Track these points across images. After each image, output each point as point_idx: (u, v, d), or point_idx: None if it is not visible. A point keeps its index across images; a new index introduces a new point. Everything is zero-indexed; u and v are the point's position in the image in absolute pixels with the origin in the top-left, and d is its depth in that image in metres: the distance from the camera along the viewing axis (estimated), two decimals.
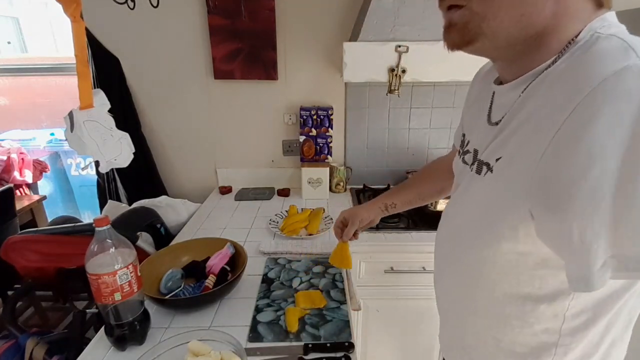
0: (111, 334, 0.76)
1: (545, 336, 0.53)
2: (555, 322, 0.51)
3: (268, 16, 1.50)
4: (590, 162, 0.36)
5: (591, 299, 0.49)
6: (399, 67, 1.25)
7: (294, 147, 1.75)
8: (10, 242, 1.18)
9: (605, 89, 0.35)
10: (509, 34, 0.44)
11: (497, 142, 0.51)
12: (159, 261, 0.99)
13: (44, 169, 2.26)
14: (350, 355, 0.75)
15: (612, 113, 0.35)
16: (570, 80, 0.40)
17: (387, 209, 0.94)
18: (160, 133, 1.72)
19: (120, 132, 1.08)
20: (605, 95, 0.35)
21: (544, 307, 0.51)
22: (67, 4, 0.89)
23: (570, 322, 0.50)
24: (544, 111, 0.42)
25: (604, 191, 0.35)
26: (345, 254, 0.97)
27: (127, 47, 1.57)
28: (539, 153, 0.40)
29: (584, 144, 0.36)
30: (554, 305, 0.50)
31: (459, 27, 0.47)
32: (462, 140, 0.65)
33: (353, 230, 0.94)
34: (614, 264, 0.37)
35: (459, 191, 0.62)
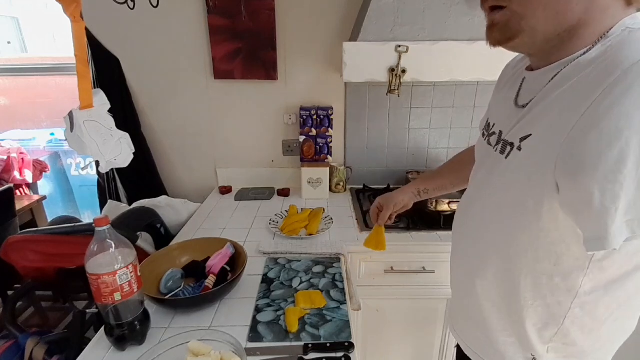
0: (111, 334, 0.76)
1: (557, 308, 0.57)
2: (567, 297, 0.55)
3: (268, 16, 1.50)
4: (617, 134, 0.39)
5: (604, 277, 0.52)
6: (399, 67, 1.25)
7: (294, 147, 1.75)
8: (10, 242, 1.18)
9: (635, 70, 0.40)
10: (546, 30, 0.48)
11: (523, 122, 0.54)
12: (159, 261, 0.99)
13: (44, 169, 2.26)
14: (350, 355, 0.75)
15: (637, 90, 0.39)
16: (601, 65, 0.44)
17: (420, 194, 0.99)
18: (160, 133, 1.72)
19: (120, 132, 1.08)
20: (635, 76, 0.40)
21: (559, 281, 0.55)
22: (67, 4, 0.89)
23: (582, 298, 0.54)
24: (575, 92, 0.46)
25: (628, 160, 0.39)
26: (380, 238, 1.01)
27: (127, 47, 1.57)
28: (569, 127, 0.44)
29: (612, 117, 0.40)
30: (568, 280, 0.54)
31: (500, 26, 0.51)
32: (487, 123, 0.69)
33: (388, 214, 0.98)
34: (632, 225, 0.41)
35: (483, 172, 0.66)
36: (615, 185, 0.40)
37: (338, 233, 1.30)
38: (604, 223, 0.42)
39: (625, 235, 0.42)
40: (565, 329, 0.58)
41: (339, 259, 1.12)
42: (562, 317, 0.57)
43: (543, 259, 0.55)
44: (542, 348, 0.61)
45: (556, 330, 0.59)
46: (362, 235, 1.28)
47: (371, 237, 1.03)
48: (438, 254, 1.25)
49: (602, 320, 0.57)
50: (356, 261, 1.26)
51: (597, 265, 0.52)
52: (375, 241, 1.02)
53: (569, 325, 0.58)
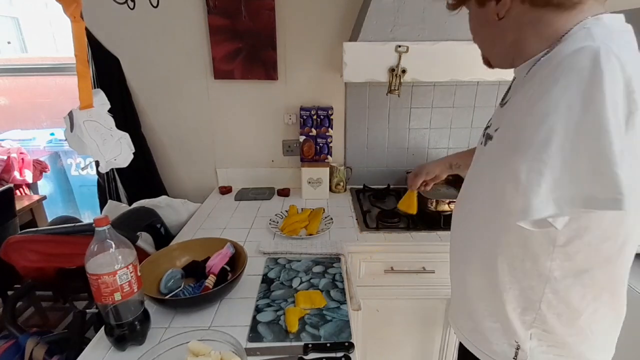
0: (111, 334, 0.76)
1: (530, 293, 0.61)
2: (539, 282, 0.60)
3: (268, 16, 1.50)
4: (544, 118, 0.45)
5: (573, 266, 0.57)
6: (399, 67, 1.25)
7: (294, 147, 1.75)
8: (10, 242, 1.18)
9: (563, 63, 0.46)
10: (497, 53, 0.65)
11: (499, 117, 0.64)
12: (159, 261, 0.99)
13: (44, 169, 2.26)
14: (350, 355, 0.75)
15: (564, 80, 0.45)
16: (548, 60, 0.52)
17: (452, 167, 1.05)
18: (160, 133, 1.72)
19: (120, 132, 1.08)
20: (563, 68, 0.46)
21: (529, 265, 0.60)
22: (67, 4, 0.89)
23: (553, 284, 0.59)
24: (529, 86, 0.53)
25: (552, 141, 0.44)
26: (411, 201, 1.11)
27: (127, 47, 1.57)
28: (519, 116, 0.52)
29: (542, 104, 0.46)
30: (537, 264, 0.59)
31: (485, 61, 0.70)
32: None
33: (419, 180, 1.07)
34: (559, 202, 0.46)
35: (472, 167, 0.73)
36: (540, 164, 0.45)
37: (338, 233, 1.30)
38: (528, 197, 0.46)
39: (550, 211, 0.46)
40: (542, 315, 0.61)
41: (339, 259, 1.12)
42: (538, 302, 0.61)
43: (514, 243, 0.60)
44: (525, 334, 0.64)
45: (534, 315, 0.62)
46: (362, 235, 1.28)
47: (404, 200, 1.13)
48: (438, 254, 1.25)
49: (579, 310, 0.60)
50: (356, 261, 1.26)
51: (562, 251, 0.56)
52: (407, 204, 1.12)
53: (546, 311, 0.61)
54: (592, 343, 0.64)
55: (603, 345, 0.67)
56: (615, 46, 0.44)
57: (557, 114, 0.44)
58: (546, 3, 0.53)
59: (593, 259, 0.56)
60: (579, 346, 0.64)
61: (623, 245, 0.55)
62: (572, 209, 0.46)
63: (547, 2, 0.53)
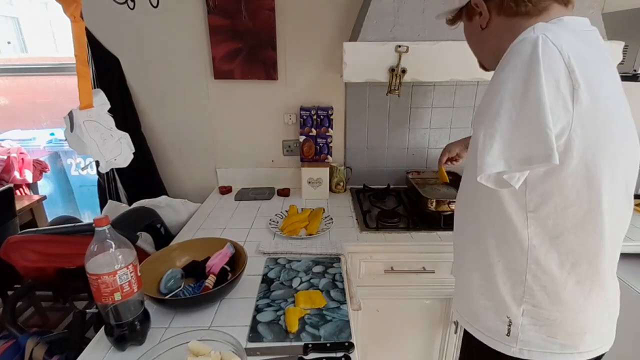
0: (111, 334, 0.76)
1: (516, 264, 0.66)
2: (521, 252, 0.65)
3: (268, 16, 1.50)
4: (495, 94, 0.56)
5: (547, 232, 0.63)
6: (399, 67, 1.25)
7: (294, 147, 1.75)
8: (10, 242, 1.18)
9: (511, 50, 0.57)
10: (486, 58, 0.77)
11: None
12: (159, 261, 0.99)
13: (44, 169, 2.26)
14: (350, 355, 0.75)
15: (511, 63, 0.55)
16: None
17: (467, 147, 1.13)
18: (160, 133, 1.72)
19: (120, 132, 1.08)
20: (510, 54, 0.57)
21: (511, 237, 0.65)
22: (67, 4, 0.89)
23: (534, 252, 0.64)
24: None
25: (501, 112, 0.54)
26: (441, 174, 1.31)
27: (127, 47, 1.57)
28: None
29: (494, 83, 0.57)
30: (517, 234, 0.65)
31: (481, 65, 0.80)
32: None
33: (444, 158, 1.24)
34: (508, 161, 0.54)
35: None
36: (492, 130, 0.54)
37: (338, 233, 1.30)
38: (483, 156, 0.55)
39: (501, 167, 0.54)
40: (529, 288, 0.66)
41: (339, 259, 1.12)
42: (524, 273, 0.66)
43: (497, 217, 0.66)
44: (517, 310, 0.68)
45: (523, 288, 0.67)
46: (362, 235, 1.28)
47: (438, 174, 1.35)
48: (438, 254, 1.25)
49: (560, 280, 0.64)
50: (356, 261, 1.26)
51: (533, 217, 0.63)
52: (439, 176, 1.34)
53: (532, 283, 0.66)
54: (582, 324, 0.67)
55: (596, 330, 0.69)
56: (552, 35, 0.54)
57: (505, 90, 0.54)
58: (516, 13, 0.64)
59: (561, 224, 0.62)
60: (569, 324, 0.66)
61: (589, 212, 0.60)
62: (517, 166, 0.54)
63: (516, 12, 0.64)
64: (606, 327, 0.71)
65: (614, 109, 0.58)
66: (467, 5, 0.71)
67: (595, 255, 0.63)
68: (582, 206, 0.60)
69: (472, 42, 0.77)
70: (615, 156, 0.59)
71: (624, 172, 0.61)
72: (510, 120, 0.53)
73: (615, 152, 0.58)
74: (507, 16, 0.65)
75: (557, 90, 0.52)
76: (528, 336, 0.68)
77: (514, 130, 0.53)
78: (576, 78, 0.52)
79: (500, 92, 0.55)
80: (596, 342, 0.69)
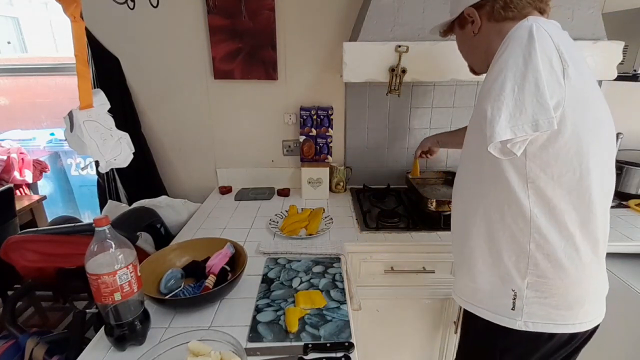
0: (111, 334, 0.76)
1: (520, 235, 0.72)
2: (525, 222, 0.71)
3: (268, 16, 1.50)
4: (499, 72, 0.62)
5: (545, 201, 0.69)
6: (399, 67, 1.25)
7: (294, 147, 1.75)
8: (10, 242, 1.18)
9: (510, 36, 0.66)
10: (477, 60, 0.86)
11: None
12: (159, 261, 0.99)
13: (44, 169, 2.26)
14: (350, 355, 0.75)
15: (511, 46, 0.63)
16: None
17: (439, 143, 1.40)
18: (160, 133, 1.72)
19: (120, 132, 1.08)
20: (509, 40, 0.65)
21: (515, 208, 0.71)
22: (67, 4, 0.89)
23: (535, 221, 0.70)
24: None
25: (505, 87, 0.61)
26: (414, 168, 1.52)
27: (127, 47, 1.57)
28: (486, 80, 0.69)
29: (497, 63, 0.64)
30: (519, 205, 0.70)
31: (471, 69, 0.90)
32: None
33: (418, 151, 1.45)
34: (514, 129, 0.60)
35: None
36: (498, 102, 0.61)
37: (338, 233, 1.30)
38: (492, 126, 0.61)
39: (508, 135, 0.60)
40: (533, 257, 0.71)
41: (339, 259, 1.12)
42: (527, 244, 0.71)
43: (501, 189, 0.72)
44: (522, 283, 0.73)
45: (527, 260, 0.72)
46: (362, 235, 1.28)
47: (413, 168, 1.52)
48: (438, 254, 1.25)
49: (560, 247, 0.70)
50: (356, 261, 1.26)
51: (533, 187, 0.69)
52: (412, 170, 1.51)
53: (535, 252, 0.71)
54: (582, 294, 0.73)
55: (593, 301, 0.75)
56: (542, 23, 0.64)
57: (507, 68, 0.61)
58: (504, 18, 0.73)
59: (558, 192, 0.68)
60: (571, 294, 0.72)
61: (580, 179, 0.67)
62: (523, 133, 0.60)
63: (505, 17, 0.73)
64: (600, 299, 0.78)
65: (593, 87, 0.68)
66: (460, 16, 0.81)
67: (588, 221, 0.70)
68: (575, 173, 0.67)
69: (464, 49, 0.88)
70: (599, 127, 0.68)
71: (606, 142, 0.70)
72: (514, 93, 0.60)
73: (598, 124, 0.68)
74: (496, 21, 0.74)
75: (551, 67, 0.61)
76: (532, 308, 0.73)
77: (518, 102, 0.60)
78: (565, 59, 0.61)
79: (503, 71, 0.61)
80: (592, 313, 0.76)
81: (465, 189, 0.83)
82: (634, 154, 1.61)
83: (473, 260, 0.80)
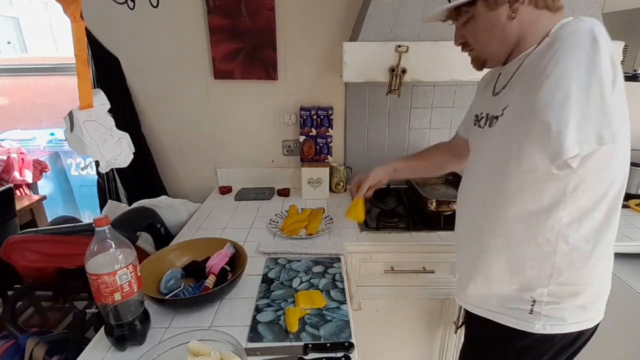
0: (111, 334, 0.76)
1: (546, 246, 0.70)
2: (552, 232, 0.69)
3: (268, 16, 1.50)
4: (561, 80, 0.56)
5: (577, 209, 0.67)
6: (399, 67, 1.25)
7: (294, 147, 1.75)
8: (10, 242, 1.18)
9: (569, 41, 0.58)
10: (501, 52, 0.74)
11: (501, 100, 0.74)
12: (159, 261, 0.99)
13: (44, 169, 2.26)
14: (350, 355, 0.75)
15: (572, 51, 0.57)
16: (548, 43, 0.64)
17: (396, 171, 1.13)
18: (160, 133, 1.72)
19: (120, 132, 1.08)
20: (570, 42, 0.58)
21: (544, 219, 0.69)
22: (67, 4, 0.89)
23: (564, 231, 0.68)
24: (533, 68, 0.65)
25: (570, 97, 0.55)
26: (358, 210, 1.14)
27: (127, 47, 1.57)
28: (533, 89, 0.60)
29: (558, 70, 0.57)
30: (551, 216, 0.68)
31: (474, 60, 0.80)
32: (476, 115, 0.87)
33: (366, 186, 1.10)
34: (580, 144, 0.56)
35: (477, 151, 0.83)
36: (564, 114, 0.55)
37: (338, 233, 1.30)
38: (560, 142, 0.56)
39: (576, 151, 0.56)
40: (558, 267, 0.70)
41: (339, 259, 1.12)
42: (553, 254, 0.69)
43: (530, 200, 0.69)
44: (543, 290, 0.72)
45: (551, 270, 0.70)
46: (362, 235, 1.28)
47: (350, 208, 1.16)
48: (438, 254, 1.25)
49: (587, 254, 0.69)
50: (356, 261, 1.26)
51: (571, 197, 0.66)
52: (354, 212, 1.14)
53: (560, 262, 0.69)
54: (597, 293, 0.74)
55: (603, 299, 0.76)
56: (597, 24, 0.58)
57: (570, 77, 0.55)
58: (544, 6, 0.68)
59: (592, 198, 0.66)
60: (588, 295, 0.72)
61: (610, 185, 0.66)
62: (589, 148, 0.57)
63: (544, 5, 0.68)
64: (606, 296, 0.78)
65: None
66: None
67: (612, 226, 0.70)
68: (607, 178, 0.66)
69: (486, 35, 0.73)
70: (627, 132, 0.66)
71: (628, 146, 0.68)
72: (579, 106, 0.55)
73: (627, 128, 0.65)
74: (536, 7, 0.68)
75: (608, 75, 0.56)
76: (551, 312, 0.73)
77: (584, 114, 0.56)
78: (616, 66, 0.57)
79: (564, 80, 0.56)
80: (600, 310, 0.76)
81: (479, 199, 0.79)
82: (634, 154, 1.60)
83: (489, 269, 0.78)
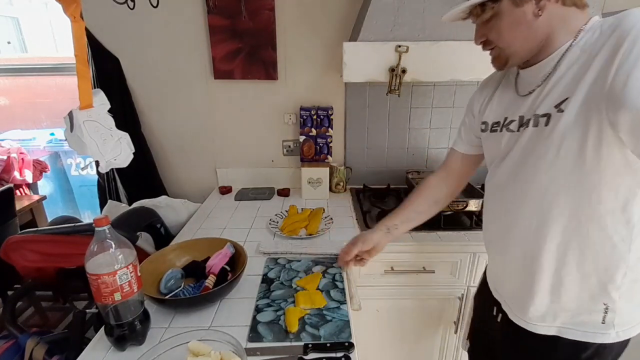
0: (111, 334, 0.76)
1: (622, 245, 0.66)
2: (627, 229, 0.65)
3: (268, 16, 1.50)
4: None
5: None
6: (399, 67, 1.25)
7: (294, 147, 1.75)
8: (10, 242, 1.18)
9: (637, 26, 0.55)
10: (526, 50, 0.69)
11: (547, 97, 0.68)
12: (159, 261, 0.99)
13: (44, 169, 2.26)
14: (350, 355, 0.75)
15: None
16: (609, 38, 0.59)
17: (390, 230, 1.00)
18: (160, 133, 1.72)
19: (120, 132, 1.08)
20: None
21: (619, 216, 0.65)
22: (67, 4, 0.89)
23: (637, 227, 0.65)
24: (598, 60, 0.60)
25: None
26: (314, 298, 0.90)
27: (127, 47, 1.57)
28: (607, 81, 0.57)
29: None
30: (626, 211, 0.64)
31: (495, 58, 0.74)
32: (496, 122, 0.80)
33: (354, 251, 0.99)
34: None
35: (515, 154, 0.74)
36: None
37: (338, 233, 1.30)
38: None
39: None
40: (632, 265, 0.66)
41: None
42: (627, 252, 0.66)
43: (606, 198, 0.64)
44: (616, 293, 0.68)
45: (625, 269, 0.67)
46: None
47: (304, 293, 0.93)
48: (438, 254, 1.25)
49: None
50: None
51: None
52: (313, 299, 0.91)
53: (635, 261, 0.66)
54: None
55: None
56: None
57: None
58: (572, 3, 0.65)
59: None
60: None
61: None
62: None
63: (573, 2, 0.65)
64: None
65: None
66: None
67: None
68: None
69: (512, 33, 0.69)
70: None
71: None
72: None
73: None
74: (563, 4, 0.66)
75: None
76: (623, 317, 0.70)
77: None
78: None
79: None
80: None
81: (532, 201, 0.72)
82: None
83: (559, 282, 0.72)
